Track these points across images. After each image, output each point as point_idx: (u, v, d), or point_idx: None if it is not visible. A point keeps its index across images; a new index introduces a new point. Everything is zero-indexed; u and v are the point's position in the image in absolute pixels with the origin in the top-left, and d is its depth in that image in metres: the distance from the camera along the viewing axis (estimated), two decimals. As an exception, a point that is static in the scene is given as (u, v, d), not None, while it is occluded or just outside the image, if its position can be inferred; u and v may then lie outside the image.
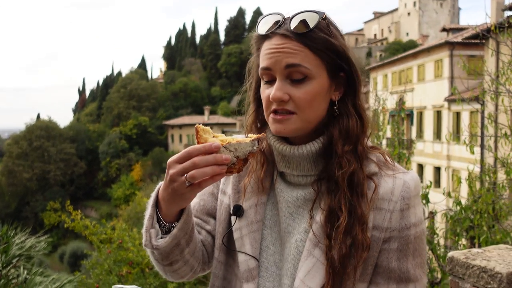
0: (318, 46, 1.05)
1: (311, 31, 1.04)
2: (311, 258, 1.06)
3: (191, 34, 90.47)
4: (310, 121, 1.08)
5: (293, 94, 1.05)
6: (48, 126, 56.41)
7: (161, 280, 5.69)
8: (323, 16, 1.06)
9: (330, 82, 1.09)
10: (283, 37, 1.06)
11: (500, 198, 3.79)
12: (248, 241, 1.15)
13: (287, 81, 1.06)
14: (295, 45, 1.04)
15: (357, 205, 1.04)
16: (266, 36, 1.09)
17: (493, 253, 1.67)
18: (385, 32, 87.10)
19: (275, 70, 1.06)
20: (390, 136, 4.85)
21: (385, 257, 1.06)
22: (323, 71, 1.07)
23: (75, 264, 25.68)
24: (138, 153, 56.37)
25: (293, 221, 1.13)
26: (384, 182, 1.07)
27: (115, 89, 67.17)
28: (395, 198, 1.06)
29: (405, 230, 1.06)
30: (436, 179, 22.30)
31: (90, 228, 5.65)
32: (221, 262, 1.23)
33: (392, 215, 1.05)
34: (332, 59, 1.07)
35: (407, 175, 1.09)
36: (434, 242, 3.49)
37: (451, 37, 23.64)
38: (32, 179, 52.38)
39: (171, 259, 1.13)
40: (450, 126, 21.85)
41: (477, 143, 5.11)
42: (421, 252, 1.08)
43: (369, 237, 1.05)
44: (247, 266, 1.13)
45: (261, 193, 1.17)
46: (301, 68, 1.04)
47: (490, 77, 4.50)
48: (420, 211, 1.10)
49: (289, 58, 1.04)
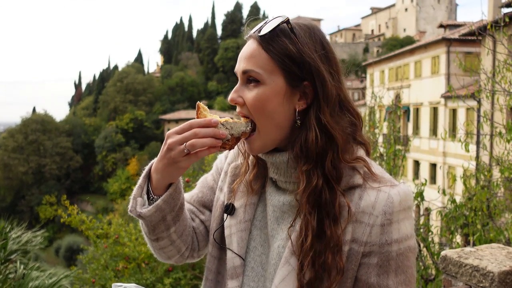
0: (274, 51, 1.04)
1: (272, 34, 1.04)
2: (287, 266, 1.06)
3: (188, 28, 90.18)
4: (268, 131, 1.07)
5: (245, 97, 1.07)
6: (44, 119, 56.23)
7: (157, 275, 5.72)
8: (284, 20, 1.04)
9: (288, 90, 1.06)
10: (252, 40, 1.09)
11: (494, 196, 3.82)
12: (235, 239, 1.17)
13: (245, 85, 1.08)
14: (255, 48, 1.06)
15: (326, 227, 1.01)
16: (247, 39, 1.12)
17: (486, 252, 1.69)
18: (382, 27, 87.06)
19: (237, 74, 1.10)
20: (387, 132, 4.88)
21: (364, 272, 1.03)
22: (278, 76, 1.05)
23: (71, 258, 25.69)
24: (135, 147, 56.31)
25: (278, 226, 1.14)
26: (367, 195, 1.03)
27: (111, 83, 66.95)
28: (376, 212, 1.01)
29: (386, 246, 1.01)
30: (432, 176, 22.40)
31: (86, 223, 5.66)
32: (214, 257, 1.25)
33: (372, 230, 1.01)
34: (288, 65, 1.04)
35: (394, 189, 1.03)
36: (428, 240, 3.53)
37: (448, 34, 23.66)
38: (28, 172, 52.25)
39: (157, 234, 1.18)
40: (447, 123, 21.92)
41: (473, 140, 5.14)
42: (405, 269, 1.03)
43: (347, 249, 1.02)
44: (232, 264, 1.16)
45: (251, 194, 1.19)
46: (253, 73, 1.05)
47: (486, 75, 4.52)
48: (407, 226, 1.03)
49: (245, 63, 1.07)
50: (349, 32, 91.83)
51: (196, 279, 5.81)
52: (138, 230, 6.14)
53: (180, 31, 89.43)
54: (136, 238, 5.90)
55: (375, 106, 4.59)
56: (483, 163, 4.35)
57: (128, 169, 52.01)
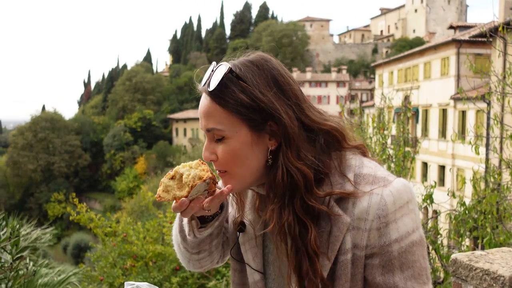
0: (228, 104, 1.04)
1: (222, 87, 1.04)
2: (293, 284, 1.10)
3: (197, 28, 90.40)
4: (243, 177, 1.10)
5: (217, 153, 1.09)
6: (53, 117, 56.66)
7: (164, 274, 5.74)
8: (227, 71, 1.04)
9: (255, 135, 1.06)
10: (205, 96, 1.09)
11: (504, 199, 3.79)
12: (250, 256, 1.20)
13: (213, 140, 1.09)
14: (210, 105, 1.06)
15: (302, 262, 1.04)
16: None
17: (496, 255, 1.68)
18: (391, 28, 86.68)
19: (203, 131, 1.12)
20: (395, 134, 4.86)
21: (369, 272, 1.05)
22: (241, 127, 1.05)
23: (79, 255, 25.85)
24: (143, 146, 56.54)
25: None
26: (359, 201, 1.03)
27: (120, 82, 67.28)
28: (371, 217, 1.01)
29: (385, 247, 1.02)
30: (441, 178, 22.26)
31: (95, 221, 5.69)
32: (236, 270, 1.28)
33: (370, 234, 1.02)
34: (245, 114, 1.04)
35: (386, 188, 1.02)
36: (437, 242, 3.51)
37: (458, 35, 23.51)
38: (37, 170, 52.68)
39: (201, 248, 1.22)
40: (456, 125, 21.78)
41: (483, 143, 5.11)
42: (411, 264, 1.03)
43: (351, 256, 1.04)
44: (253, 279, 1.19)
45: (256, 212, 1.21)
46: (216, 131, 1.06)
47: (497, 77, 4.49)
48: (406, 222, 1.03)
49: (206, 122, 1.08)
50: (358, 32, 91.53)
51: (203, 278, 5.82)
52: (146, 229, 6.16)
53: (189, 30, 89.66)
54: (144, 237, 5.93)
55: (384, 108, 4.58)
56: (493, 166, 4.31)
57: (136, 168, 52.25)
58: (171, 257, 5.76)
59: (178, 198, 1.07)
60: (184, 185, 1.07)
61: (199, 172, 1.07)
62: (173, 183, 1.09)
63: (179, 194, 1.08)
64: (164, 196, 1.08)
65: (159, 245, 5.86)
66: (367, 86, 55.46)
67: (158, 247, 5.72)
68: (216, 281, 5.45)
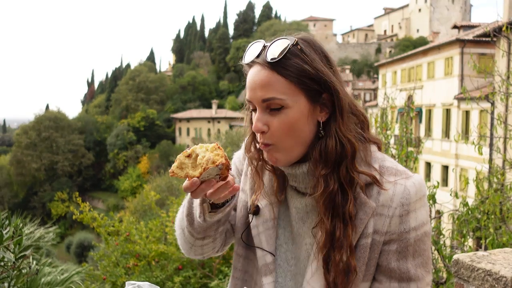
0: (291, 74, 1.07)
1: (284, 58, 1.07)
2: (315, 261, 1.13)
3: (200, 28, 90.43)
4: (290, 150, 1.12)
5: (271, 124, 1.10)
6: (57, 117, 56.78)
7: (167, 273, 5.74)
8: (293, 42, 1.08)
9: (311, 106, 1.11)
10: (259, 66, 1.11)
11: (508, 199, 3.78)
12: (264, 238, 1.23)
13: (267, 111, 1.11)
14: (269, 75, 1.08)
15: (336, 229, 1.09)
16: (249, 64, 1.15)
17: (499, 256, 1.68)
18: (395, 28, 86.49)
19: (254, 103, 1.12)
20: (399, 134, 4.85)
21: (384, 258, 1.11)
22: (300, 97, 1.09)
23: (82, 254, 25.91)
24: (146, 145, 56.63)
25: (303, 225, 1.20)
26: (384, 190, 1.10)
27: (123, 81, 67.39)
28: (395, 205, 1.09)
29: (404, 234, 1.10)
30: (444, 178, 22.21)
31: (98, 220, 5.70)
32: (240, 256, 1.31)
33: (392, 221, 1.09)
34: (308, 84, 1.08)
35: (409, 180, 1.11)
36: (440, 243, 3.50)
37: (462, 35, 23.43)
38: (40, 169, 52.84)
39: (207, 233, 1.25)
40: (459, 125, 21.71)
41: (486, 143, 5.09)
42: (422, 252, 1.11)
43: (370, 241, 1.10)
44: (265, 261, 1.22)
45: (275, 194, 1.24)
46: (276, 101, 1.08)
47: (501, 77, 4.47)
48: (423, 213, 1.12)
49: (264, 92, 1.09)
50: (362, 32, 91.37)
51: (205, 277, 5.83)
52: (148, 228, 6.17)
53: (192, 30, 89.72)
54: (147, 236, 5.93)
55: (387, 108, 4.57)
56: (496, 166, 4.30)
57: (139, 167, 52.32)
58: (173, 257, 5.77)
59: (191, 177, 1.09)
60: (198, 165, 1.09)
61: (213, 156, 1.08)
62: (188, 161, 1.11)
63: (191, 173, 1.09)
64: (178, 172, 1.10)
65: (162, 244, 5.86)
66: (370, 85, 55.39)
67: (161, 246, 5.72)
68: (218, 281, 5.45)
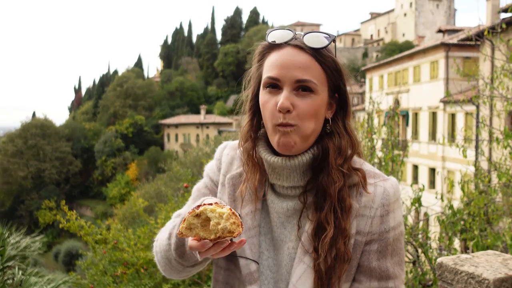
0: (327, 64, 1.13)
1: (323, 49, 1.13)
2: (302, 264, 1.14)
3: (188, 33, 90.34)
4: (308, 136, 1.14)
5: (297, 105, 1.11)
6: (44, 124, 56.19)
7: (155, 281, 5.70)
8: (334, 38, 1.14)
9: (328, 100, 1.17)
10: (297, 49, 1.12)
11: (493, 201, 3.82)
12: (247, 247, 1.21)
13: (293, 92, 1.11)
14: (307, 59, 1.11)
15: (341, 219, 1.12)
16: (276, 46, 1.14)
17: (481, 259, 1.70)
18: (381, 32, 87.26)
19: (283, 81, 1.11)
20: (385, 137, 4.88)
21: (366, 258, 1.15)
22: (326, 88, 1.15)
23: (70, 263, 25.62)
24: (134, 152, 56.26)
25: (285, 230, 1.20)
26: (365, 191, 1.15)
27: (111, 88, 66.97)
28: (376, 205, 1.14)
29: (384, 233, 1.14)
30: (431, 180, 22.40)
31: (85, 229, 5.64)
32: (221, 267, 1.29)
33: (373, 221, 1.14)
34: (335, 79, 1.15)
35: (387, 182, 1.18)
36: (426, 246, 3.53)
37: (446, 39, 23.73)
38: (27, 177, 52.18)
39: (199, 263, 1.26)
40: (445, 128, 21.94)
41: (472, 145, 5.16)
42: (398, 251, 1.17)
43: (353, 242, 1.13)
44: (249, 270, 1.20)
45: (256, 201, 1.23)
46: (310, 83, 1.11)
47: (483, 81, 4.54)
48: (399, 214, 1.17)
49: (301, 72, 1.10)
50: (349, 37, 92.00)
51: (194, 284, 5.80)
52: (137, 236, 6.12)
53: (180, 36, 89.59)
54: (135, 244, 5.89)
55: (373, 112, 4.61)
56: (481, 169, 4.35)
57: (127, 174, 51.95)
58: (162, 264, 5.73)
59: (202, 238, 1.04)
60: (209, 229, 1.04)
61: (229, 226, 1.02)
62: (197, 221, 1.05)
63: (202, 234, 1.04)
64: (187, 233, 1.05)
65: (150, 252, 5.82)
66: (357, 90, 55.69)
67: (149, 254, 5.68)
68: (207, 287, 5.43)
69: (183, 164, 25.41)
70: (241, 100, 1.27)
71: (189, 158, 27.87)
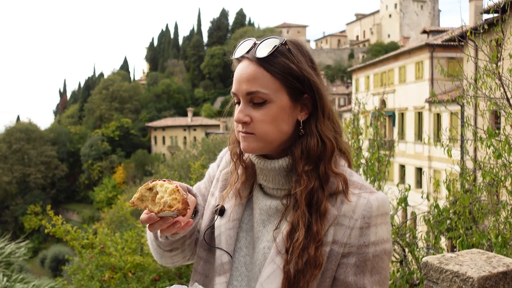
0: (276, 70, 1.12)
1: (271, 56, 1.12)
2: (272, 264, 1.13)
3: (174, 35, 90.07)
4: (270, 141, 1.15)
5: (253, 116, 1.14)
6: (28, 128, 55.51)
7: (143, 285, 5.66)
8: (282, 42, 1.13)
9: (292, 104, 1.15)
10: (249, 62, 1.15)
11: (478, 200, 3.86)
12: (224, 238, 1.23)
13: (250, 104, 1.15)
14: (256, 70, 1.13)
15: (313, 223, 1.10)
16: (239, 59, 1.18)
17: (466, 257, 1.72)
18: (367, 33, 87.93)
19: (239, 95, 1.16)
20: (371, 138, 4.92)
21: (342, 271, 1.11)
22: (283, 93, 1.13)
23: (57, 268, 25.31)
24: (121, 155, 55.87)
25: (264, 228, 1.21)
26: (347, 200, 1.12)
27: (97, 91, 66.47)
28: (356, 216, 1.10)
29: (363, 247, 1.10)
30: (418, 180, 22.59)
31: (71, 233, 5.59)
32: (201, 258, 1.30)
33: (352, 232, 1.10)
34: (291, 82, 1.13)
35: (373, 195, 1.13)
36: (413, 245, 3.56)
37: (431, 39, 23.97)
38: (12, 182, 51.46)
39: (173, 247, 1.27)
40: (431, 127, 22.16)
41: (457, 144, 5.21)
42: (380, 270, 1.11)
43: (328, 250, 1.11)
44: (221, 261, 1.21)
45: (240, 196, 1.27)
46: (259, 94, 1.12)
47: (467, 81, 4.58)
48: (384, 231, 1.12)
49: (249, 85, 1.13)
50: (334, 38, 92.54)
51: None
52: (124, 240, 6.08)
53: (166, 38, 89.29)
54: (122, 248, 5.84)
55: (359, 113, 4.64)
56: (466, 168, 4.39)
57: (114, 177, 51.55)
58: (150, 268, 5.70)
59: (150, 211, 1.09)
60: (156, 203, 1.09)
61: (170, 200, 1.07)
62: (149, 194, 1.11)
63: (151, 207, 1.09)
64: (138, 204, 1.11)
65: (138, 255, 5.78)
66: (344, 90, 56.00)
67: (137, 257, 5.64)
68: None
69: (170, 166, 25.31)
70: (229, 102, 1.30)
71: (177, 161, 27.77)
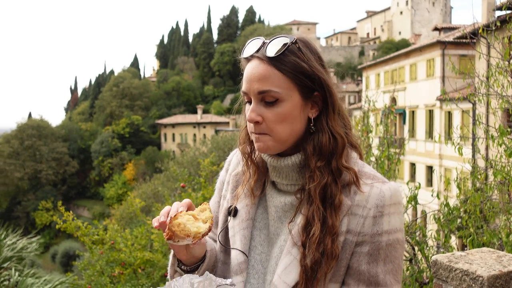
0: (288, 69, 1.13)
1: (282, 55, 1.13)
2: (289, 256, 1.15)
3: (184, 33, 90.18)
4: (284, 140, 1.17)
5: (265, 116, 1.15)
6: (40, 125, 56.03)
7: (153, 281, 5.71)
8: (293, 41, 1.14)
9: (303, 102, 1.17)
10: (259, 61, 1.15)
11: (489, 199, 3.83)
12: (238, 238, 1.25)
13: (261, 103, 1.16)
14: (267, 69, 1.14)
15: (328, 217, 1.12)
16: (248, 58, 1.19)
17: (476, 256, 1.71)
18: (377, 31, 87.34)
19: (250, 94, 1.17)
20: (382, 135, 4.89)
21: (356, 260, 1.13)
22: (294, 92, 1.15)
23: (67, 264, 25.58)
24: (131, 152, 56.16)
25: (281, 224, 1.23)
26: (360, 190, 1.14)
27: (107, 88, 66.80)
28: (369, 205, 1.12)
29: (377, 236, 1.12)
30: (429, 178, 22.44)
31: (82, 229, 5.64)
32: (218, 261, 1.32)
33: (365, 221, 1.12)
34: (303, 80, 1.15)
35: (385, 185, 1.15)
36: (423, 243, 3.54)
37: (442, 37, 23.77)
38: (24, 178, 52.02)
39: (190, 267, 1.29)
40: (442, 125, 21.98)
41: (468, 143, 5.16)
42: (393, 259, 1.13)
43: (343, 240, 1.13)
44: (237, 260, 1.23)
45: (253, 196, 1.29)
46: (272, 93, 1.13)
47: (479, 79, 4.54)
48: (397, 220, 1.14)
49: (260, 84, 1.14)
50: (345, 35, 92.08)
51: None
52: (134, 236, 6.13)
53: (176, 35, 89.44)
54: (132, 244, 5.89)
55: (369, 110, 4.62)
56: (477, 166, 4.36)
57: (124, 174, 51.86)
58: (159, 264, 5.74)
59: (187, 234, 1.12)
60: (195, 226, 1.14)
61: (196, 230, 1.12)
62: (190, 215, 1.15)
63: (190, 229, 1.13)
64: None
65: (148, 252, 5.82)
66: (354, 88, 55.78)
67: (147, 254, 5.68)
68: None
69: (180, 164, 25.38)
70: (238, 99, 1.31)
71: (186, 158, 27.84)
